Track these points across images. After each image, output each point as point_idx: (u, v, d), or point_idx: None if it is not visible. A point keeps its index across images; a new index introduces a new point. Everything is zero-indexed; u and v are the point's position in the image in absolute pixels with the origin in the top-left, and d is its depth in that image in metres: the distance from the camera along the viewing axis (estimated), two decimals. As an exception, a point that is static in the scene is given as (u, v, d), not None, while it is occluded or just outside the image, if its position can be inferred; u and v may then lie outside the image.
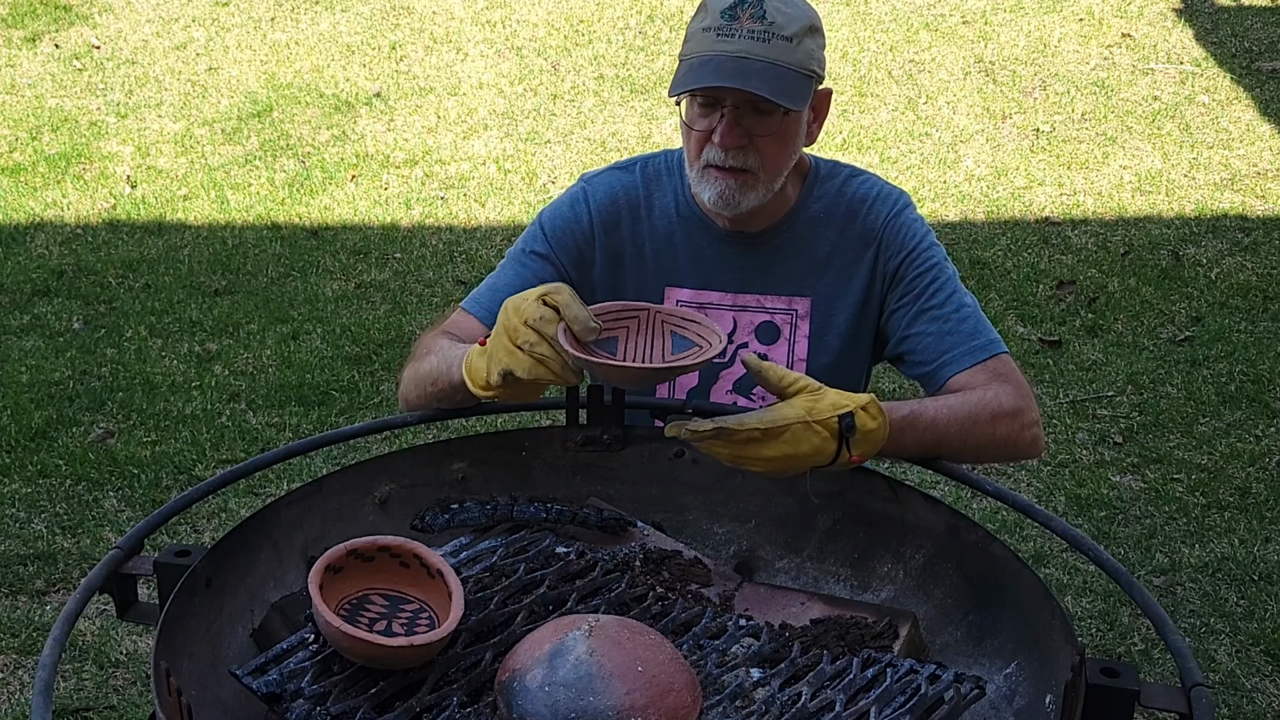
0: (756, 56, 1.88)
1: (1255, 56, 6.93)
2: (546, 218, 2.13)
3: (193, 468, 3.81)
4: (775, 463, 1.63)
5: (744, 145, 1.94)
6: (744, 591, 1.70)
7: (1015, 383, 1.92)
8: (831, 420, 1.63)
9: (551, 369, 1.64)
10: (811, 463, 1.64)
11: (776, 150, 1.97)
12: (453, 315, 2.11)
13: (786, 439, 1.61)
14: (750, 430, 1.61)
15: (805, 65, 1.92)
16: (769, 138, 1.94)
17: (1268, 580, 3.35)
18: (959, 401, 1.86)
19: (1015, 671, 1.54)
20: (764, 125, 1.94)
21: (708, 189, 1.98)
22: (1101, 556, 1.59)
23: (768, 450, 1.62)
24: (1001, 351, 1.97)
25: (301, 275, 5.06)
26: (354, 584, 1.48)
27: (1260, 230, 5.33)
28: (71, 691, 2.96)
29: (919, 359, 2.01)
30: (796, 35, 1.90)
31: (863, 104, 6.48)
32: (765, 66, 1.88)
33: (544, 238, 2.11)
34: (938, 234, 2.12)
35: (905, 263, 2.04)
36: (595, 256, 2.11)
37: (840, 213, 2.08)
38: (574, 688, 1.33)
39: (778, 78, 1.89)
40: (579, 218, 2.11)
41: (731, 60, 1.89)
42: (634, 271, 2.11)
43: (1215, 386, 4.25)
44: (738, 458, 1.64)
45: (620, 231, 2.11)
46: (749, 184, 1.97)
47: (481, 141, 6.21)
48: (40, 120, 6.43)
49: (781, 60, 1.89)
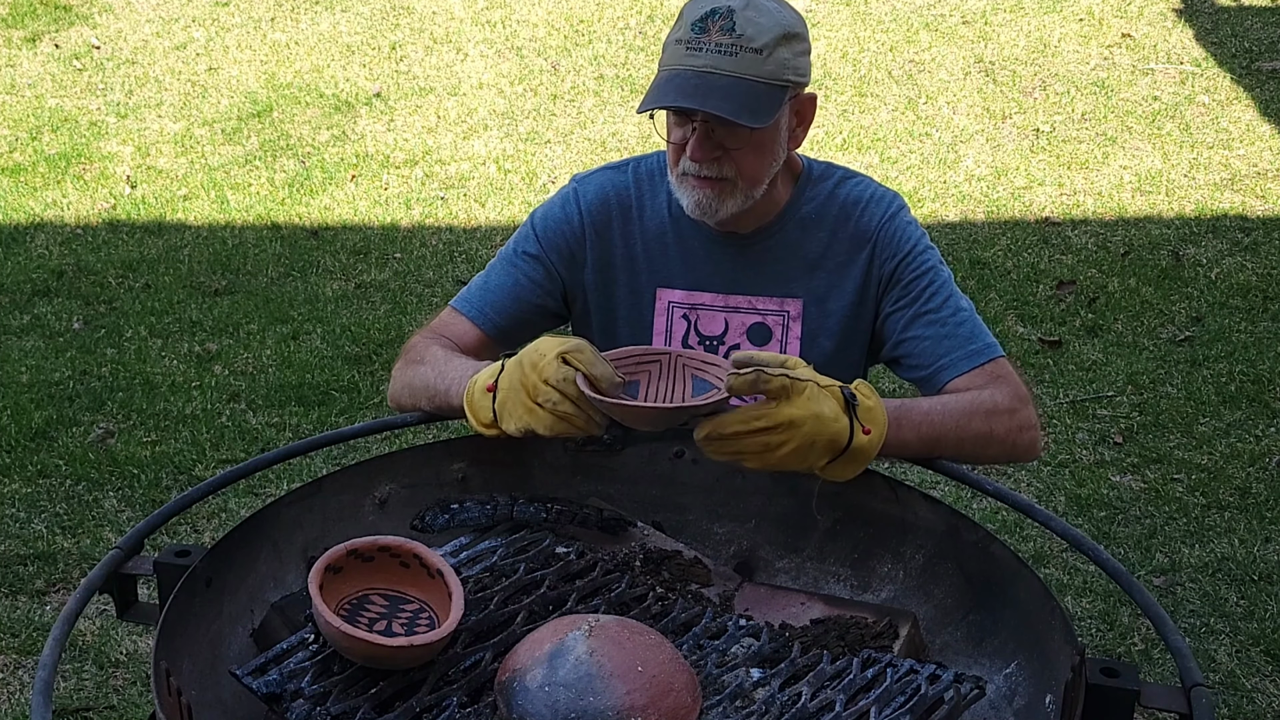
0: (722, 71, 1.87)
1: (1255, 56, 6.92)
2: (538, 218, 2.13)
3: (193, 468, 3.81)
4: (802, 428, 1.59)
5: (718, 157, 1.94)
6: (744, 591, 1.70)
7: (1013, 384, 1.92)
8: (836, 388, 1.63)
9: (576, 424, 1.65)
10: (833, 432, 1.61)
11: (752, 160, 1.96)
12: (443, 314, 2.11)
13: (809, 394, 1.59)
14: (779, 377, 1.58)
15: (777, 76, 1.90)
16: (743, 149, 1.94)
17: (1268, 580, 3.35)
18: (954, 399, 1.86)
19: (1015, 671, 1.54)
20: (735, 139, 1.93)
21: (686, 197, 1.99)
22: (1101, 556, 1.59)
23: (794, 409, 1.58)
24: (999, 355, 1.97)
25: (301, 275, 5.06)
26: (354, 584, 1.48)
27: (1260, 230, 5.33)
28: (71, 691, 2.96)
29: (916, 362, 2.00)
30: (767, 46, 1.88)
31: (863, 104, 6.48)
32: (730, 83, 1.86)
33: (535, 238, 2.11)
34: (938, 234, 2.13)
35: (901, 265, 2.03)
36: (586, 257, 2.11)
37: (833, 214, 2.07)
38: (574, 688, 1.33)
39: (742, 94, 1.87)
40: (570, 218, 2.11)
41: (696, 76, 1.88)
42: (625, 272, 2.11)
43: (1215, 386, 4.25)
44: (764, 433, 1.59)
45: (611, 232, 2.10)
46: (726, 192, 1.96)
47: (481, 141, 6.21)
48: (40, 120, 6.43)
49: (749, 74, 1.87)
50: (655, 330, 2.11)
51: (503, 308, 2.08)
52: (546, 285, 2.10)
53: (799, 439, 1.59)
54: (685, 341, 2.11)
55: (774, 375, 1.58)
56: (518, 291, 2.09)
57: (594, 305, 2.12)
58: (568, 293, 2.13)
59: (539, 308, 2.11)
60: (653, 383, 1.74)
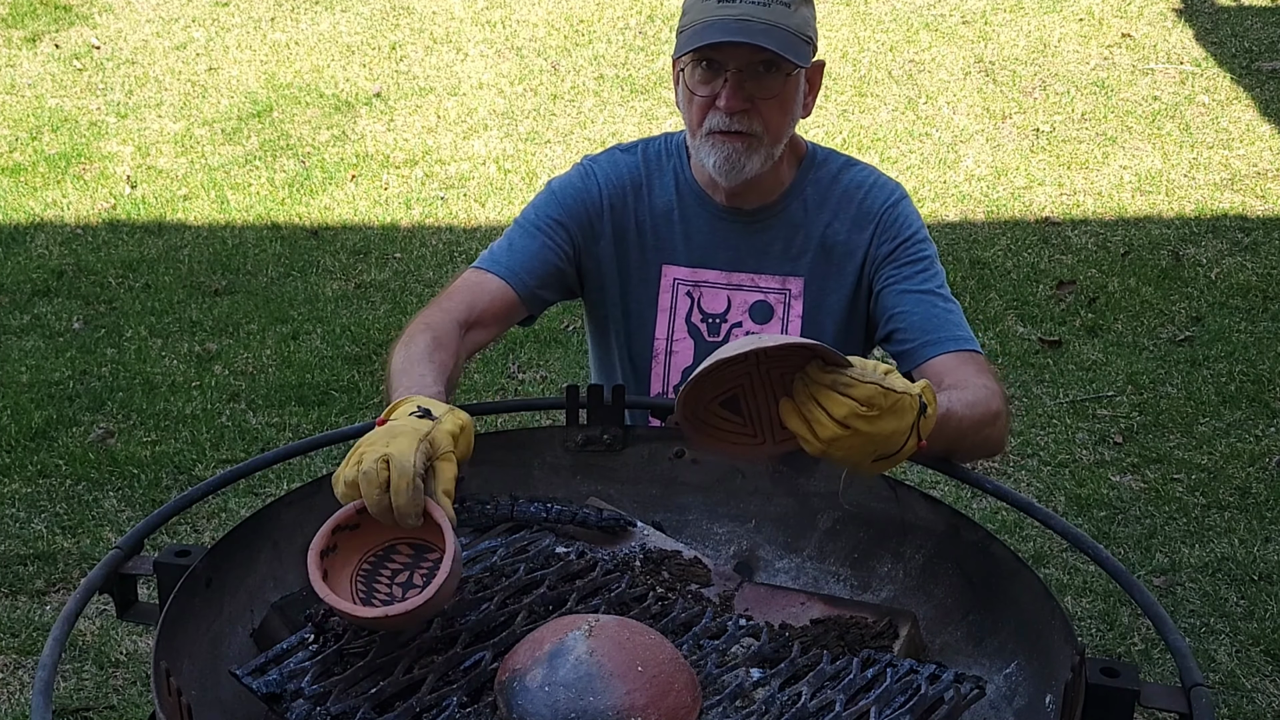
0: (759, 19, 1.93)
1: (1255, 56, 6.92)
2: (557, 187, 2.16)
3: (193, 468, 3.81)
4: (878, 440, 1.47)
5: (747, 109, 1.98)
6: (744, 591, 1.70)
7: (996, 381, 1.92)
8: (917, 399, 1.50)
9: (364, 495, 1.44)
10: (899, 444, 1.50)
11: (778, 114, 2.00)
12: (465, 276, 2.07)
13: (896, 409, 1.47)
14: (873, 387, 1.45)
15: (803, 30, 1.97)
16: (771, 101, 1.98)
17: (1268, 580, 3.35)
18: (972, 399, 1.80)
19: (1015, 671, 1.54)
20: (766, 88, 1.97)
21: (712, 155, 2.01)
22: (1101, 556, 1.59)
23: (885, 424, 1.46)
24: (979, 352, 1.99)
25: (301, 275, 5.06)
26: (379, 536, 1.48)
27: (1260, 230, 5.33)
28: (71, 691, 2.96)
29: (903, 335, 2.02)
30: (794, 2, 1.95)
31: (863, 104, 6.48)
32: (768, 28, 1.92)
33: (558, 203, 2.13)
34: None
35: (899, 248, 2.06)
36: (604, 229, 2.13)
37: (836, 196, 2.10)
38: (574, 688, 1.33)
39: (782, 37, 1.93)
40: (590, 189, 2.14)
41: (736, 22, 1.92)
42: (636, 248, 2.14)
43: (1215, 386, 4.25)
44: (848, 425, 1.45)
45: (627, 208, 2.14)
46: (753, 147, 2.00)
47: (481, 141, 6.21)
48: (40, 120, 6.43)
49: (782, 23, 1.94)
50: (660, 306, 2.14)
51: (532, 269, 2.08)
52: (569, 252, 2.12)
53: (872, 445, 1.49)
54: (689, 319, 2.12)
55: (898, 391, 1.46)
56: (545, 254, 2.09)
57: (606, 279, 2.14)
58: (583, 264, 2.14)
59: (560, 274, 2.12)
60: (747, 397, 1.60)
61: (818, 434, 1.47)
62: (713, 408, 1.57)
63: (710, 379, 1.50)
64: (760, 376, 1.56)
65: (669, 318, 2.14)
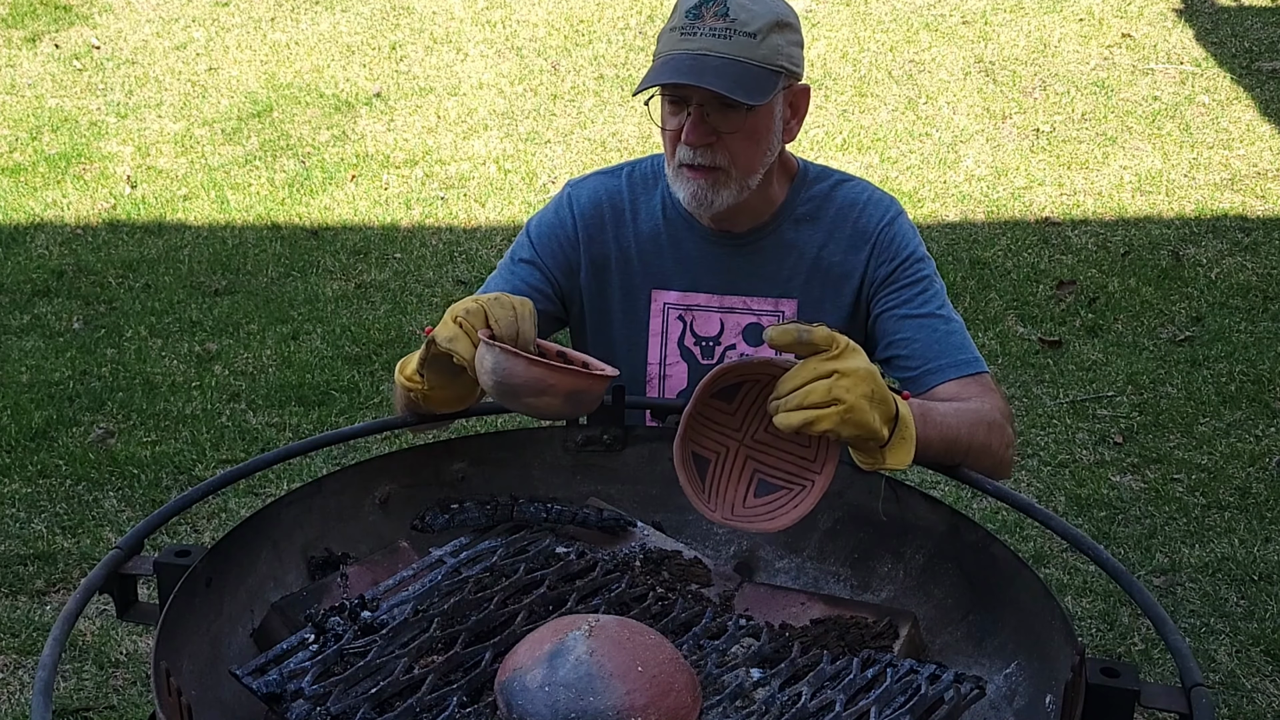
0: (717, 53, 1.89)
1: (1255, 56, 6.93)
2: (533, 225, 2.15)
3: (193, 468, 3.81)
4: (859, 374, 1.51)
5: (711, 143, 1.94)
6: (744, 591, 1.70)
7: (1000, 400, 1.92)
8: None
9: (457, 349, 1.65)
10: (882, 385, 1.54)
11: (746, 147, 1.96)
12: None
13: (851, 347, 1.53)
14: (820, 327, 1.52)
15: (770, 61, 1.92)
16: (735, 135, 1.94)
17: (1268, 580, 3.35)
18: (960, 406, 1.84)
19: (1015, 671, 1.54)
20: (730, 122, 1.93)
21: (682, 189, 2.00)
22: (1101, 556, 1.59)
23: (844, 361, 1.51)
24: (985, 370, 1.98)
25: (301, 275, 5.06)
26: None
27: (1260, 230, 5.33)
28: (71, 691, 2.96)
29: (905, 364, 2.00)
30: (760, 31, 1.90)
31: (863, 104, 6.48)
32: (724, 63, 1.88)
33: (530, 244, 2.13)
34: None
35: (898, 269, 2.04)
36: (580, 260, 2.11)
37: (830, 215, 2.07)
38: (574, 688, 1.33)
39: (737, 74, 1.89)
40: (563, 222, 2.12)
41: (691, 58, 1.89)
42: (620, 274, 2.11)
43: (1215, 386, 4.25)
44: (826, 379, 1.51)
45: (604, 235, 2.11)
46: (721, 181, 1.97)
47: (481, 141, 6.21)
48: (40, 120, 6.43)
49: (742, 56, 1.89)
50: (651, 331, 2.11)
51: None
52: (545, 289, 2.11)
53: (861, 386, 1.51)
54: (681, 342, 2.11)
55: (815, 327, 1.53)
56: (523, 296, 2.09)
57: (588, 309, 2.13)
58: (565, 297, 2.13)
59: (543, 312, 2.11)
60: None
61: (816, 401, 1.50)
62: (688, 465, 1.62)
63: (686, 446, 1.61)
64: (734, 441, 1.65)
65: (661, 342, 2.11)
